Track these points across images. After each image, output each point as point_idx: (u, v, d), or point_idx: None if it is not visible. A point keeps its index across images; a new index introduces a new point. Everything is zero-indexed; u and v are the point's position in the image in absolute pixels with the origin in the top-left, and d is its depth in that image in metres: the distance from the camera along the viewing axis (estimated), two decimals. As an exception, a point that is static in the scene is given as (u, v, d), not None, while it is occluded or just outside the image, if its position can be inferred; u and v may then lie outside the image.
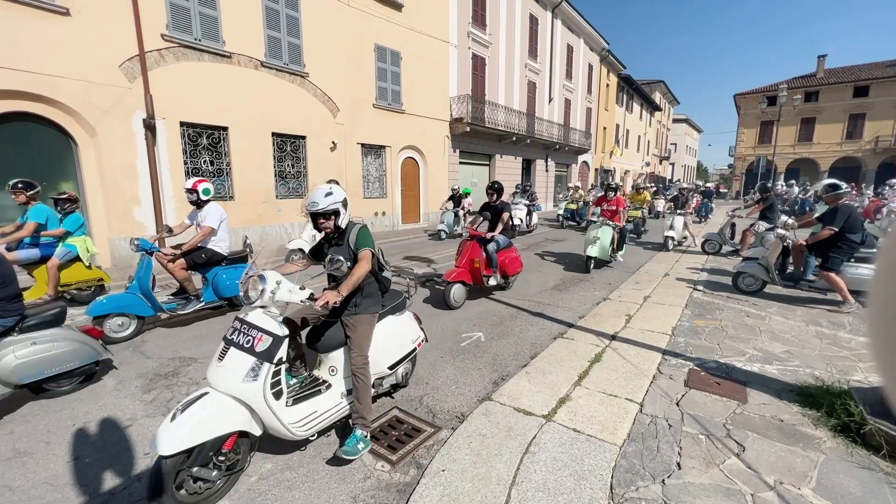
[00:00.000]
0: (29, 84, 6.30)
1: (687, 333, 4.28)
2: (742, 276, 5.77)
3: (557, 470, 2.26)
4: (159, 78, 7.66)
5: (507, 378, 3.36)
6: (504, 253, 5.63)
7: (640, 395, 3.03)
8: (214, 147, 8.73)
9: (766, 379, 3.28)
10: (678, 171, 51.93)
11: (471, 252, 5.30)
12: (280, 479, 2.25)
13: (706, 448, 2.44)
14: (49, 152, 6.79)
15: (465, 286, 5.22)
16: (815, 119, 31.89)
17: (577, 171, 24.76)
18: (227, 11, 8.46)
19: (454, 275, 5.07)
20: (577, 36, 22.62)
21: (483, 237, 5.30)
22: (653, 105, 36.68)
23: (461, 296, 5.17)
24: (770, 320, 4.68)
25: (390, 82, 12.28)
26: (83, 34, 6.74)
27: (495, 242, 5.39)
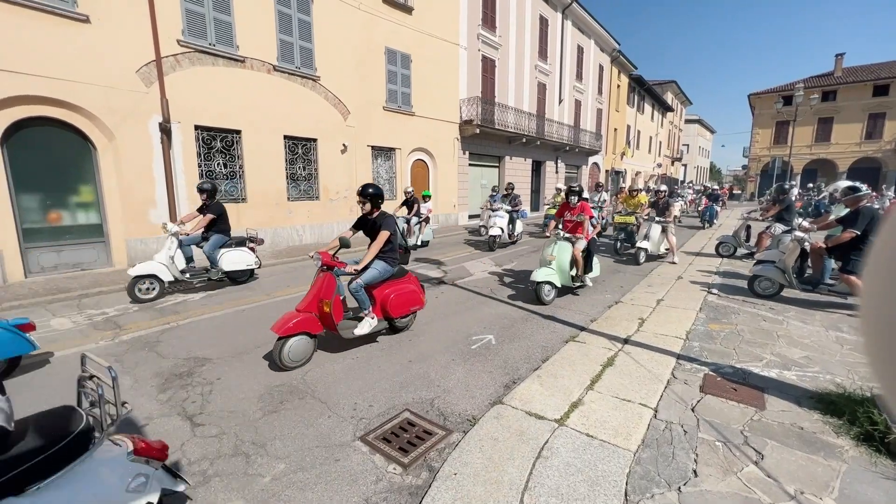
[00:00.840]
0: (50, 90, 6.47)
1: (702, 338, 4.21)
2: (758, 279, 5.66)
3: (570, 475, 2.23)
4: (175, 82, 7.81)
5: (519, 381, 3.34)
6: (390, 286, 4.09)
7: (654, 400, 2.98)
8: (228, 150, 8.86)
9: (784, 385, 3.21)
10: (690, 172, 51.22)
11: (320, 288, 3.68)
12: (293, 479, 2.27)
13: (723, 455, 2.39)
14: (69, 156, 6.96)
15: (314, 337, 3.66)
16: (832, 119, 31.16)
17: (587, 172, 24.57)
18: (241, 17, 8.60)
19: (291, 324, 3.47)
20: (587, 37, 22.48)
21: (341, 268, 3.76)
22: (664, 105, 36.26)
23: (303, 353, 3.59)
24: (788, 325, 4.58)
25: (400, 85, 12.34)
26: (102, 41, 6.91)
27: (374, 270, 3.93)
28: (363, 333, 3.89)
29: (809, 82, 31.16)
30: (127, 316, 5.06)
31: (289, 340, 3.48)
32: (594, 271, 6.13)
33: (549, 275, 5.34)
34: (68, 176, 6.99)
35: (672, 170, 42.85)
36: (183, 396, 3.13)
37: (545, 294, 5.38)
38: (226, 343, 4.17)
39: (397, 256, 4.23)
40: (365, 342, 4.20)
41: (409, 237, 9.22)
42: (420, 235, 9.52)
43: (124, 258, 7.49)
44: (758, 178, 34.92)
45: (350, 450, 2.52)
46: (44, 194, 6.75)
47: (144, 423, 2.78)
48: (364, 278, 3.87)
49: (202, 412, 2.92)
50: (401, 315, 4.20)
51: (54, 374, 3.53)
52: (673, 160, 43.18)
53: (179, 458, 2.42)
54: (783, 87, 33.00)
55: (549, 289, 5.42)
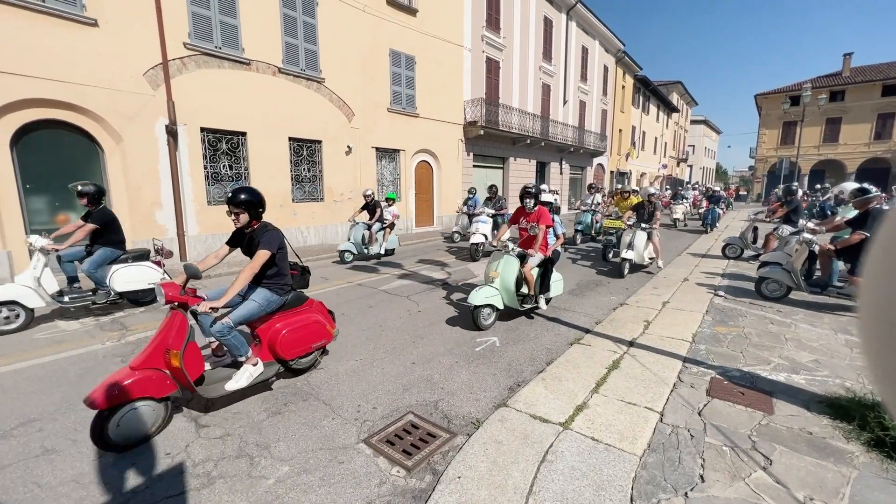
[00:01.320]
0: (59, 93, 6.55)
1: (708, 340, 4.16)
2: (766, 281, 5.60)
3: (575, 479, 2.21)
4: (181, 85, 7.88)
5: (523, 384, 3.32)
6: (280, 319, 3.20)
7: (660, 404, 2.95)
8: (233, 152, 8.92)
9: (793, 389, 3.17)
10: (696, 173, 50.88)
11: (165, 335, 2.67)
12: (297, 482, 2.26)
13: (731, 460, 2.36)
14: (77, 158, 7.04)
15: (162, 402, 2.64)
16: (840, 119, 30.84)
17: (592, 173, 24.47)
18: (247, 20, 8.66)
19: (120, 388, 2.42)
20: (592, 38, 22.43)
21: (195, 305, 2.80)
22: (670, 106, 36.06)
23: (145, 424, 2.56)
24: (796, 328, 4.52)
25: (404, 86, 12.37)
26: (110, 44, 6.98)
27: (251, 303, 3.01)
28: (240, 387, 2.91)
29: (817, 82, 30.87)
30: (133, 317, 5.09)
31: (118, 412, 2.41)
32: (553, 290, 4.96)
33: (489, 297, 4.42)
34: (76, 178, 7.01)
35: (678, 171, 42.60)
36: (188, 397, 3.14)
37: (483, 319, 4.51)
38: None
39: (289, 281, 3.29)
40: (367, 346, 4.20)
41: (370, 245, 8.37)
42: (384, 243, 8.65)
43: (131, 259, 7.55)
44: (764, 178, 34.62)
45: (354, 452, 2.51)
46: (52, 196, 6.83)
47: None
48: (235, 316, 2.90)
49: (207, 413, 2.93)
50: (297, 355, 3.27)
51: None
52: (678, 161, 42.93)
53: (184, 460, 2.43)
54: (790, 87, 32.72)
55: (488, 312, 4.56)
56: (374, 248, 8.53)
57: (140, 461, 2.42)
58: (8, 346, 4.15)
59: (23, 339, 4.34)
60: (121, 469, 2.36)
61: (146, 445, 2.56)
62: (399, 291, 6.23)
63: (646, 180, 32.71)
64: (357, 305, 5.55)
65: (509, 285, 4.46)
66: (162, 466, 2.38)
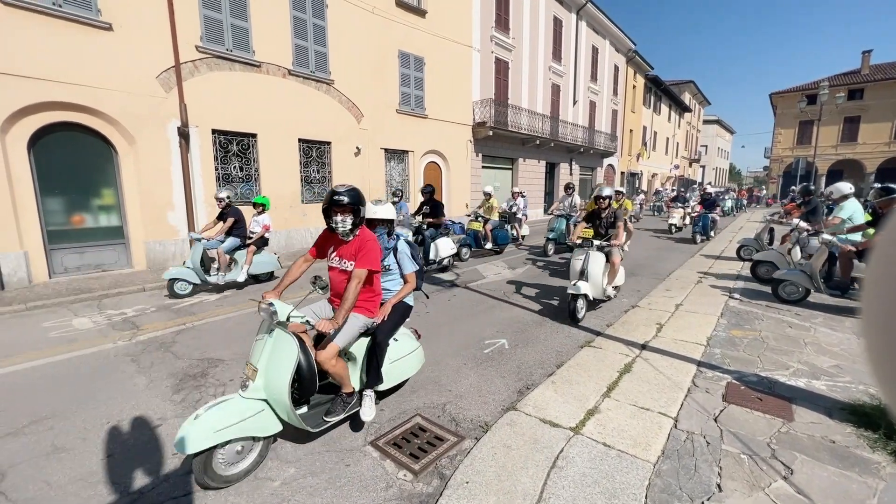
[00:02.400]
0: (74, 95, 6.66)
1: (723, 344, 4.05)
2: (783, 283, 5.45)
3: (587, 486, 2.15)
4: (193, 87, 7.97)
5: (532, 387, 3.26)
6: None
7: (674, 409, 2.87)
8: (244, 153, 9.00)
9: (813, 395, 3.05)
10: (709, 173, 50.08)
11: None
12: (303, 484, 2.24)
13: (749, 469, 2.28)
14: (92, 160, 7.16)
15: None
16: (859, 118, 30.06)
17: (602, 174, 24.23)
18: (258, 22, 8.73)
19: None
20: (602, 37, 22.22)
21: None
22: (682, 106, 35.56)
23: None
24: (815, 332, 4.38)
25: (413, 87, 12.37)
26: (124, 48, 7.09)
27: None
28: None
29: (835, 80, 30.15)
30: (144, 316, 5.15)
31: None
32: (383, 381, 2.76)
33: None
34: (91, 179, 7.19)
35: (690, 171, 41.98)
36: (196, 397, 3.15)
37: None
38: (238, 344, 4.20)
39: None
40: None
41: (222, 270, 6.21)
42: (245, 267, 6.36)
43: (143, 260, 7.65)
44: (780, 179, 33.92)
45: (360, 455, 2.48)
46: (67, 197, 6.95)
47: (158, 424, 2.79)
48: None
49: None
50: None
51: (73, 373, 3.60)
52: (691, 161, 42.30)
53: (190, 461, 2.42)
54: (807, 85, 32.01)
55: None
56: (229, 275, 6.22)
57: (147, 462, 2.42)
58: (22, 345, 4.22)
59: (37, 338, 4.41)
60: (128, 469, 2.36)
61: (154, 447, 2.56)
62: (407, 292, 6.19)
63: (657, 181, 32.29)
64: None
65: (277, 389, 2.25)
66: (169, 467, 2.37)
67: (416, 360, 3.10)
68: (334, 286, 2.74)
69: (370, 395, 2.66)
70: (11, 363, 3.78)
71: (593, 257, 4.89)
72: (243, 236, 6.45)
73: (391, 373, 2.84)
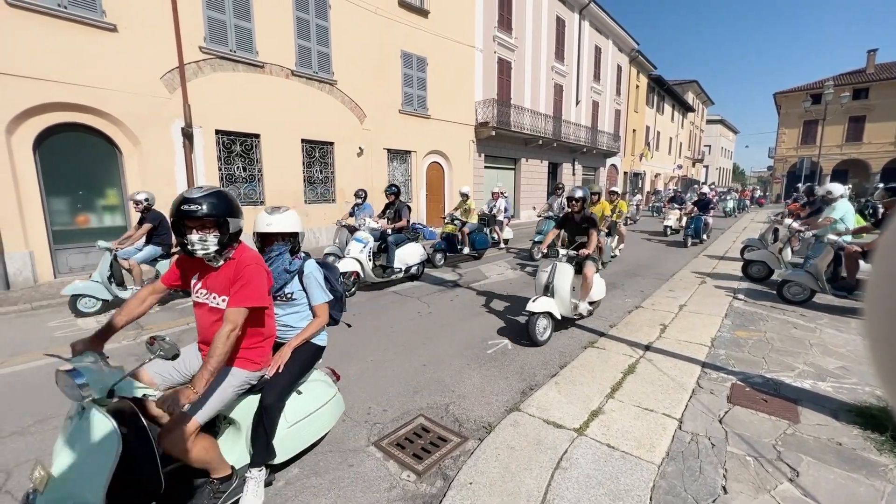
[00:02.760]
0: (79, 96, 6.70)
1: (728, 345, 4.03)
2: (788, 284, 5.42)
3: (591, 488, 2.14)
4: (197, 88, 8.00)
5: (536, 388, 3.25)
6: None
7: (678, 411, 2.85)
8: (247, 154, 9.03)
9: (819, 397, 3.03)
10: (713, 173, 49.88)
11: None
12: (306, 484, 2.24)
13: (755, 471, 2.26)
14: (96, 161, 7.20)
15: None
16: (864, 117, 29.87)
17: (605, 174, 24.17)
18: (261, 23, 8.76)
19: None
20: (605, 37, 22.17)
21: None
22: (685, 106, 35.44)
23: None
24: (821, 333, 4.35)
25: (416, 88, 12.38)
26: (129, 49, 7.13)
27: None
28: None
29: (840, 79, 29.97)
30: (148, 317, 5.16)
31: None
32: None
33: None
34: (95, 180, 7.23)
35: (693, 171, 41.81)
36: (200, 397, 3.15)
37: None
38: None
39: None
40: (377, 347, 4.17)
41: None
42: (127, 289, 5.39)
43: (147, 259, 7.68)
44: (784, 179, 33.74)
45: (364, 455, 2.48)
46: (72, 198, 6.99)
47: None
48: None
49: (218, 413, 2.93)
50: None
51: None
52: (694, 161, 42.13)
53: (195, 460, 2.42)
54: (811, 84, 31.85)
55: None
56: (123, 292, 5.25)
57: (152, 460, 2.42)
58: (27, 344, 4.24)
59: (43, 337, 4.43)
60: (133, 468, 2.36)
61: (158, 444, 2.57)
62: (409, 293, 6.20)
63: (661, 181, 32.18)
64: (368, 306, 5.53)
65: None
66: (173, 466, 2.37)
67: (330, 413, 2.36)
68: (202, 330, 1.97)
69: (256, 477, 1.95)
70: (17, 362, 3.81)
71: (560, 270, 4.15)
72: (168, 244, 5.59)
73: (295, 436, 2.14)
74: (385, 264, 6.35)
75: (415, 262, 6.72)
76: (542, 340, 4.10)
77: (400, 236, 6.59)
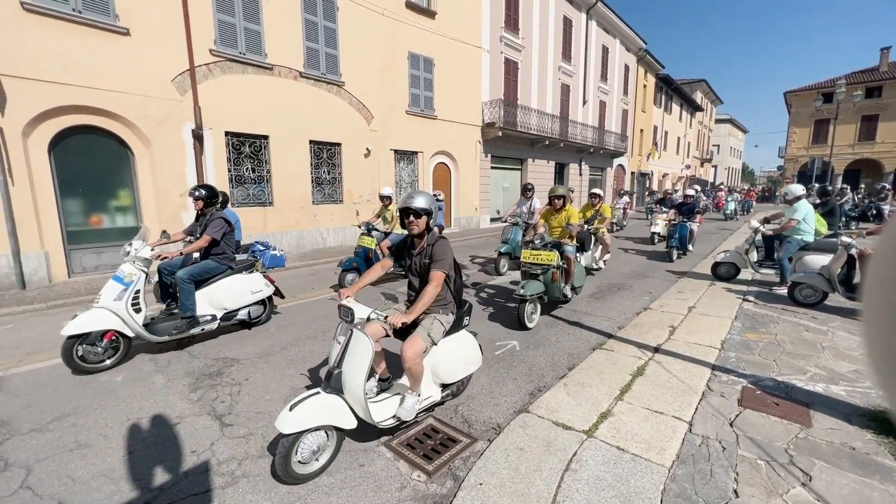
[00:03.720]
0: (93, 99, 6.82)
1: (738, 348, 4.00)
2: (800, 286, 5.36)
3: (601, 490, 2.14)
4: (207, 90, 8.10)
5: (544, 389, 3.26)
6: None
7: (688, 413, 2.85)
8: (256, 155, 9.12)
9: (831, 401, 3.00)
10: (721, 173, 49.37)
11: None
12: (318, 483, 2.27)
13: (766, 475, 2.25)
14: (109, 162, 7.32)
15: None
16: (877, 116, 29.37)
17: (612, 174, 24.03)
18: (270, 25, 8.85)
19: None
20: (612, 36, 22.05)
21: None
22: (693, 105, 35.13)
23: None
24: (833, 336, 4.30)
25: (423, 89, 12.41)
26: (141, 52, 7.24)
27: None
28: None
29: (852, 78, 29.50)
30: (161, 316, 5.23)
31: None
32: None
33: None
34: (108, 181, 7.35)
35: (701, 171, 41.43)
36: (212, 396, 3.20)
37: None
38: (253, 344, 4.26)
39: None
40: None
41: None
42: None
43: (159, 260, 7.79)
44: (794, 178, 33.26)
45: (374, 455, 2.51)
46: (86, 199, 7.12)
47: (176, 422, 2.85)
48: None
49: (230, 412, 2.97)
50: None
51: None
52: (702, 161, 41.74)
53: (209, 458, 2.47)
54: (823, 83, 31.39)
55: None
56: None
57: (167, 459, 2.47)
58: (44, 343, 4.33)
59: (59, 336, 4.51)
60: (149, 466, 2.41)
61: (173, 444, 2.62)
62: (417, 293, 6.21)
63: (668, 181, 31.91)
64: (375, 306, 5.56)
65: None
66: (188, 464, 2.42)
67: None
68: None
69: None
70: (35, 361, 3.89)
71: (357, 340, 2.41)
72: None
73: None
74: (175, 311, 4.17)
75: (244, 304, 4.48)
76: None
77: (209, 265, 4.23)
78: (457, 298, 2.90)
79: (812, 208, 5.97)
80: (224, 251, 4.36)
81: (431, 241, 2.74)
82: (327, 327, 4.72)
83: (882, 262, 0.31)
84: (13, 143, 6.20)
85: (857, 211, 15.03)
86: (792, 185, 6.12)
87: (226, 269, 4.39)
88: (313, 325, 4.86)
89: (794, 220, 5.78)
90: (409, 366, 2.51)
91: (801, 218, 5.76)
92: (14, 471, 2.37)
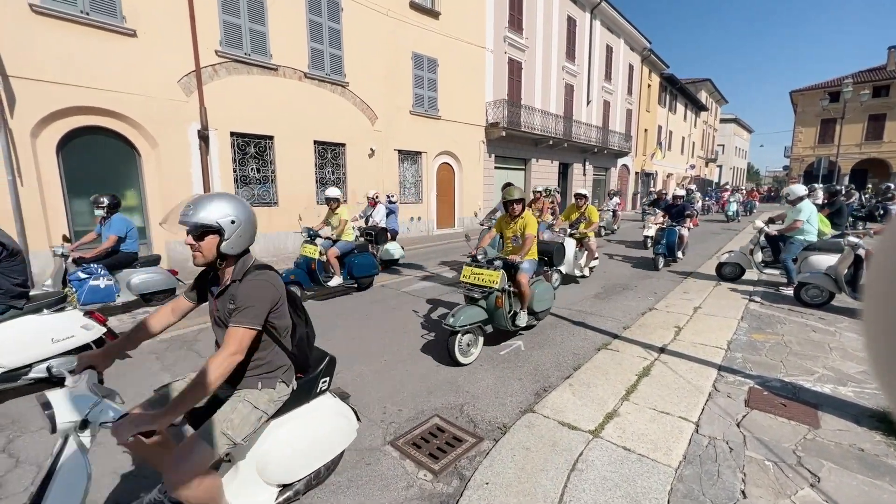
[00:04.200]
0: (100, 100, 6.88)
1: (744, 348, 3.98)
2: (806, 286, 5.32)
3: (608, 490, 2.14)
4: (212, 91, 8.15)
5: (550, 390, 3.25)
6: None
7: (695, 414, 2.83)
8: (261, 155, 9.16)
9: (839, 402, 2.98)
10: (726, 173, 49.08)
11: None
12: (325, 482, 2.27)
13: (774, 476, 2.24)
14: (116, 162, 7.38)
15: None
16: (885, 115, 29.10)
17: (616, 174, 23.95)
18: (275, 26, 8.89)
19: None
20: (616, 36, 21.98)
21: None
22: (698, 105, 34.94)
23: None
24: (841, 336, 4.27)
25: (427, 89, 12.43)
26: (147, 53, 7.30)
27: None
28: None
29: (859, 77, 29.26)
30: (167, 315, 5.27)
31: None
32: None
33: None
34: (115, 181, 7.41)
35: (706, 171, 41.20)
36: (219, 395, 3.21)
37: None
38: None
39: None
40: (391, 347, 4.21)
41: None
42: None
43: (165, 260, 7.84)
44: (800, 178, 33.01)
45: (380, 454, 2.51)
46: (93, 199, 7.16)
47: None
48: None
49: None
50: None
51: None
52: (707, 161, 41.51)
53: (216, 456, 2.48)
54: (829, 82, 31.13)
55: None
56: None
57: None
58: (53, 342, 4.36)
59: (66, 335, 4.55)
60: (157, 463, 2.43)
61: (181, 441, 2.63)
62: (422, 293, 6.24)
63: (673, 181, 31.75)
64: (381, 307, 5.58)
65: None
66: None
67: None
68: None
69: None
70: (43, 359, 3.91)
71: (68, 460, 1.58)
72: None
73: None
74: None
75: (39, 357, 3.21)
76: None
77: None
78: (298, 358, 1.94)
79: (815, 208, 5.97)
80: None
81: (238, 274, 1.74)
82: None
83: (883, 260, 0.31)
84: (22, 143, 6.26)
85: (863, 211, 14.89)
86: (794, 185, 6.09)
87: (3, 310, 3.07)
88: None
89: (800, 222, 5.78)
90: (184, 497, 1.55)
91: (805, 219, 5.76)
92: (24, 468, 2.39)
